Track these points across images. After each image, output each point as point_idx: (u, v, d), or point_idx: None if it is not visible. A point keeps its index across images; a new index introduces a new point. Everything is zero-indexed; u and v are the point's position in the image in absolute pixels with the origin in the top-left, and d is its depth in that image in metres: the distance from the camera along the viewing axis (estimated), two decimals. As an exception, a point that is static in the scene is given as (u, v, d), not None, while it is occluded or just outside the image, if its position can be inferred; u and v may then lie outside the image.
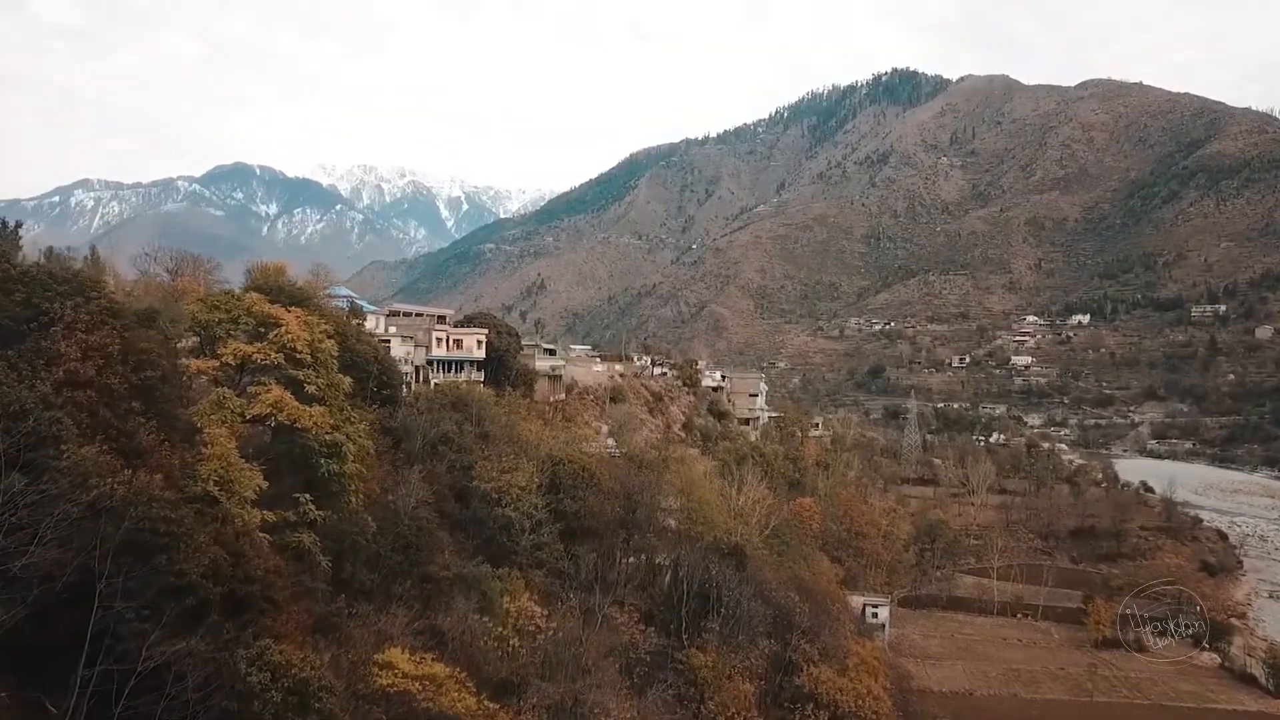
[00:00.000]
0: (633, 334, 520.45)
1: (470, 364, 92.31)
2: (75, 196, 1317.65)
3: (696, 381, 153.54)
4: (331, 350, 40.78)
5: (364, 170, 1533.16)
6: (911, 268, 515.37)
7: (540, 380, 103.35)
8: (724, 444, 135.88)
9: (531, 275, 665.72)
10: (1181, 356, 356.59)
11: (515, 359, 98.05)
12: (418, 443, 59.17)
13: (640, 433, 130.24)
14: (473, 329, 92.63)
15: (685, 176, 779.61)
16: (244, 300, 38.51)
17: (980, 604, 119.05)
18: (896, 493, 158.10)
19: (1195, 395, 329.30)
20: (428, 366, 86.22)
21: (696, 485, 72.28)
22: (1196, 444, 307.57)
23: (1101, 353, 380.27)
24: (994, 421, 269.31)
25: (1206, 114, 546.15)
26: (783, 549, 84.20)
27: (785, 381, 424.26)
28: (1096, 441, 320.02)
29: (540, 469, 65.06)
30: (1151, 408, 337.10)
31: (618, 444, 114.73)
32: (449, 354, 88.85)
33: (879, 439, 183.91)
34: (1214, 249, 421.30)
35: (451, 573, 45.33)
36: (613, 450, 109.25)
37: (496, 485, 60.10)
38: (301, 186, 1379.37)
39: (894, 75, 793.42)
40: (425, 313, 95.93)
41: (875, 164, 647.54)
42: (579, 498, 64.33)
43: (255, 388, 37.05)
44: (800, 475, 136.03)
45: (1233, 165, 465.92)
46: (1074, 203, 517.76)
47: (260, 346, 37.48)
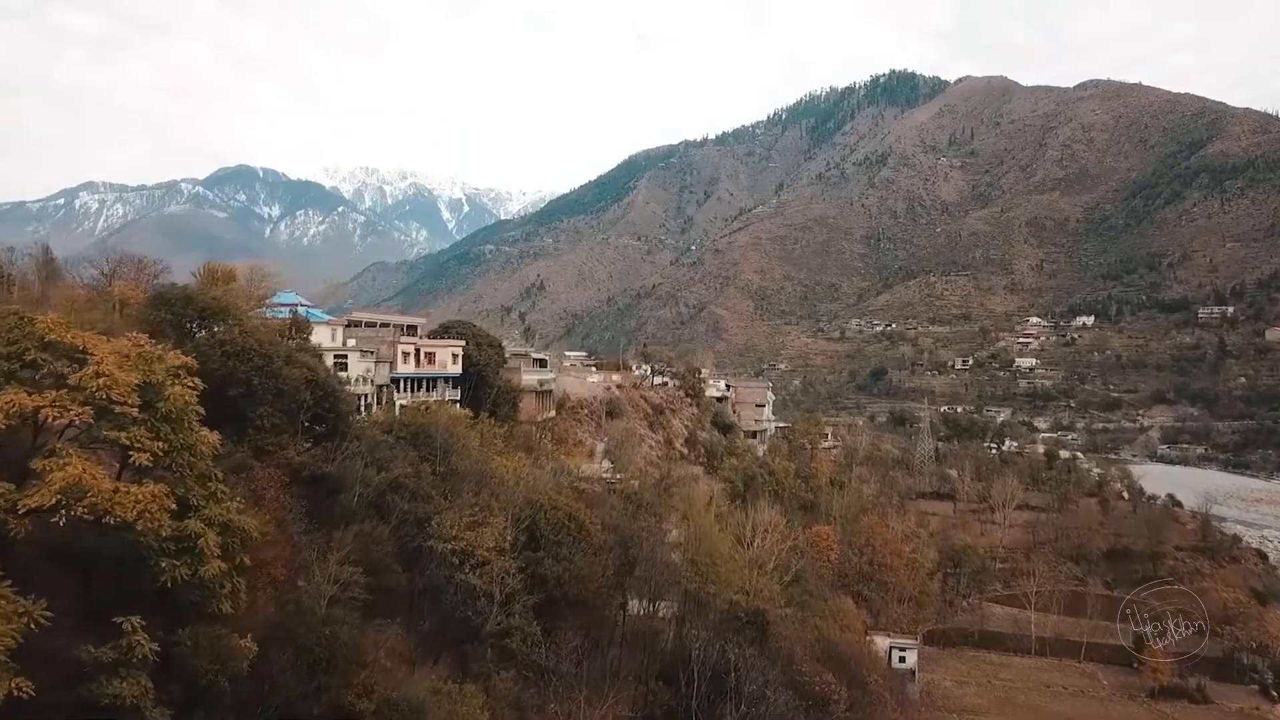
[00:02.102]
0: (631, 337, 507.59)
1: (444, 381, 78.68)
2: (80, 199, 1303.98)
3: (700, 392, 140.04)
4: (185, 397, 26.96)
5: (366, 172, 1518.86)
6: (912, 269, 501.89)
7: (526, 398, 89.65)
8: (730, 462, 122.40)
9: (531, 276, 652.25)
10: (1190, 359, 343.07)
11: (497, 374, 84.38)
12: (354, 496, 45.47)
13: (640, 450, 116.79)
14: (446, 341, 78.91)
15: (684, 178, 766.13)
16: (36, 325, 24.81)
17: (1016, 640, 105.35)
18: (914, 510, 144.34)
19: (1206, 399, 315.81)
20: (392, 386, 72.55)
21: (705, 534, 58.47)
22: (1209, 449, 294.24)
23: (1107, 355, 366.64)
24: (1005, 428, 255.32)
25: (1207, 114, 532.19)
26: (805, 599, 70.64)
27: (786, 383, 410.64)
28: (1105, 446, 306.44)
29: (516, 519, 51.56)
30: (1161, 411, 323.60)
31: (614, 465, 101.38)
32: (418, 370, 75.18)
33: (893, 450, 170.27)
34: (1219, 250, 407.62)
35: (375, 700, 31.66)
36: (608, 473, 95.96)
37: (459, 545, 46.60)
38: (304, 188, 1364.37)
39: (891, 77, 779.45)
40: (391, 322, 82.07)
41: (874, 165, 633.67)
42: (563, 557, 50.79)
43: (43, 461, 23.40)
44: (813, 496, 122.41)
45: (1236, 165, 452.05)
46: (1075, 203, 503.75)
47: (55, 397, 23.84)
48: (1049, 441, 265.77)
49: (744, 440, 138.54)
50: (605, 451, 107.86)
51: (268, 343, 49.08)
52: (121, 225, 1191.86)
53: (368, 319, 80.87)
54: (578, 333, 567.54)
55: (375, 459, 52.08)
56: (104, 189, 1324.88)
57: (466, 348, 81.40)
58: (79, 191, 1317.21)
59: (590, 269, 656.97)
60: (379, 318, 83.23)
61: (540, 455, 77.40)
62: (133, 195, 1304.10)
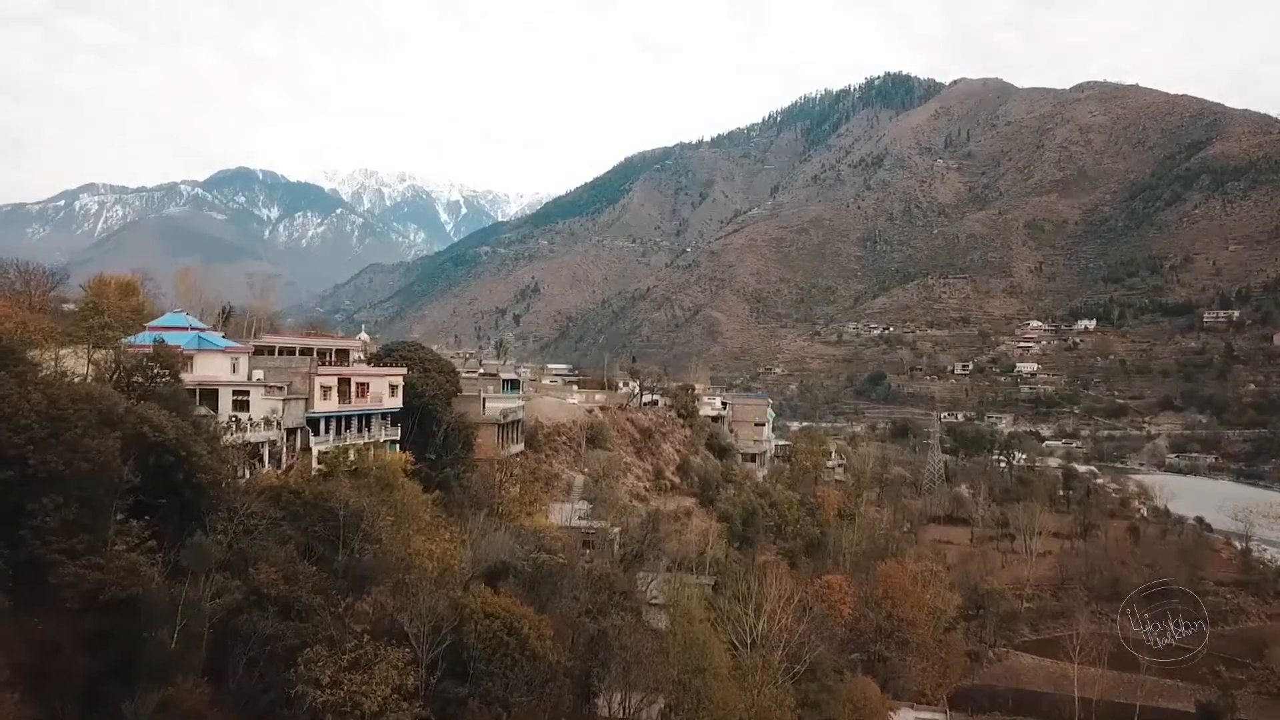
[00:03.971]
0: (626, 340, 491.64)
1: (380, 419, 63.31)
2: (80, 200, 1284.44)
3: (693, 411, 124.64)
4: None
5: (365, 175, 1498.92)
6: (909, 271, 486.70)
7: (487, 431, 74.13)
8: (727, 493, 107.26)
9: (525, 279, 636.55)
10: (1196, 364, 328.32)
11: (449, 406, 69.00)
12: (176, 631, 30.07)
13: (625, 482, 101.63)
14: (382, 369, 63.46)
15: (679, 179, 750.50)
16: None
17: (1057, 705, 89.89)
18: (927, 539, 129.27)
19: (1215, 406, 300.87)
20: (308, 429, 57.15)
21: (696, 641, 43.07)
22: (1219, 458, 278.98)
23: (1111, 360, 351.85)
24: (1013, 439, 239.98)
25: (1205, 115, 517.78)
26: (822, 697, 55.40)
27: (783, 388, 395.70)
28: (1112, 454, 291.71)
29: (435, 633, 36.25)
30: (1168, 419, 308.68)
31: (593, 505, 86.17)
32: (343, 407, 59.78)
33: (903, 473, 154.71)
34: (1222, 252, 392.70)
35: None
36: (585, 518, 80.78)
37: (334, 698, 31.36)
38: (303, 190, 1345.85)
39: (886, 79, 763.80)
40: (315, 348, 66.38)
41: (869, 166, 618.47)
42: (496, 696, 35.57)
43: None
44: (820, 531, 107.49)
45: (1238, 167, 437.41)
46: (1074, 205, 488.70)
47: None
48: (1055, 451, 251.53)
49: (742, 465, 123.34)
50: (584, 487, 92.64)
51: (68, 397, 33.66)
52: (120, 227, 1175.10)
53: (284, 343, 64.97)
54: (571, 335, 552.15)
55: (238, 553, 36.86)
56: (104, 191, 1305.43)
57: (410, 376, 66.07)
58: (79, 193, 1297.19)
59: (585, 271, 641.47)
60: (298, 342, 67.23)
61: (497, 509, 62.05)
62: (132, 197, 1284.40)
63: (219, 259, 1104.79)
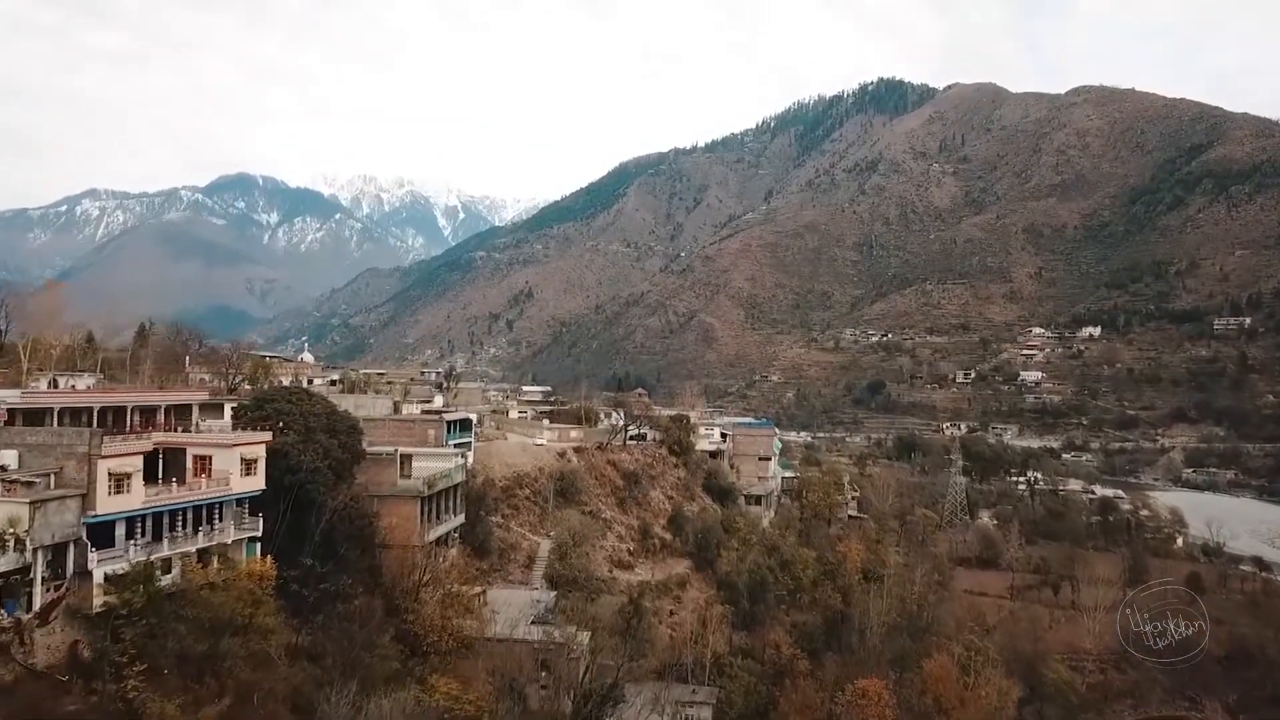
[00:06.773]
0: (619, 346, 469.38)
1: (230, 507, 41.40)
2: (82, 206, 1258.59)
3: (689, 447, 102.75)
4: None
5: (364, 180, 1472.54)
6: (907, 276, 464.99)
7: (401, 508, 52.00)
8: (730, 552, 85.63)
9: (519, 283, 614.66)
10: (1208, 373, 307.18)
11: (344, 479, 47.15)
12: None
13: (604, 543, 79.96)
14: (230, 438, 41.44)
15: (674, 185, 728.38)
16: None
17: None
18: (961, 595, 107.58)
19: (1231, 417, 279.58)
20: (86, 544, 35.28)
21: None
22: (1239, 474, 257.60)
23: (1118, 368, 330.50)
24: (1029, 459, 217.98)
25: (1205, 119, 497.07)
26: None
27: (779, 396, 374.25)
28: (1124, 468, 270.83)
29: None
30: (1182, 431, 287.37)
31: (558, 588, 64.79)
32: (158, 501, 37.78)
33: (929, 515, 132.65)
34: (1229, 257, 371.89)
35: None
36: (545, 610, 59.34)
37: None
38: (302, 196, 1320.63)
39: (880, 85, 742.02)
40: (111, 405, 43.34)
41: (864, 171, 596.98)
42: None
43: None
44: (844, 599, 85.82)
45: (1242, 170, 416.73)
46: (1073, 209, 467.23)
47: None
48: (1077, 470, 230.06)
49: (746, 510, 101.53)
50: (549, 557, 70.82)
51: None
52: (121, 232, 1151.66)
53: (66, 403, 41.40)
54: (564, 341, 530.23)
55: None
56: (105, 196, 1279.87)
57: (283, 441, 44.23)
58: (81, 198, 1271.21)
59: (579, 276, 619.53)
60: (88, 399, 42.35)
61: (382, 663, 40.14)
62: (133, 202, 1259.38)
63: (219, 264, 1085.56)
